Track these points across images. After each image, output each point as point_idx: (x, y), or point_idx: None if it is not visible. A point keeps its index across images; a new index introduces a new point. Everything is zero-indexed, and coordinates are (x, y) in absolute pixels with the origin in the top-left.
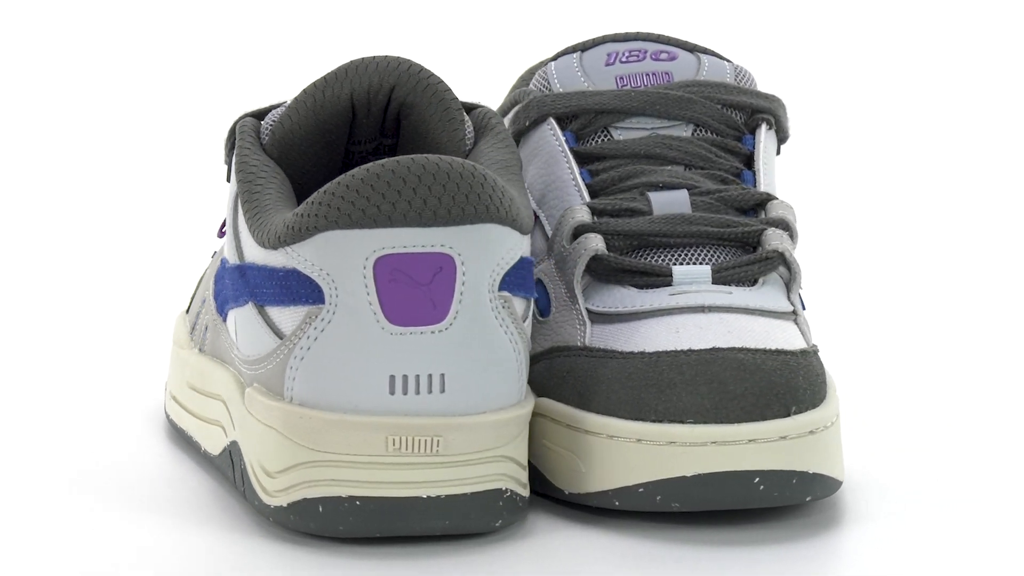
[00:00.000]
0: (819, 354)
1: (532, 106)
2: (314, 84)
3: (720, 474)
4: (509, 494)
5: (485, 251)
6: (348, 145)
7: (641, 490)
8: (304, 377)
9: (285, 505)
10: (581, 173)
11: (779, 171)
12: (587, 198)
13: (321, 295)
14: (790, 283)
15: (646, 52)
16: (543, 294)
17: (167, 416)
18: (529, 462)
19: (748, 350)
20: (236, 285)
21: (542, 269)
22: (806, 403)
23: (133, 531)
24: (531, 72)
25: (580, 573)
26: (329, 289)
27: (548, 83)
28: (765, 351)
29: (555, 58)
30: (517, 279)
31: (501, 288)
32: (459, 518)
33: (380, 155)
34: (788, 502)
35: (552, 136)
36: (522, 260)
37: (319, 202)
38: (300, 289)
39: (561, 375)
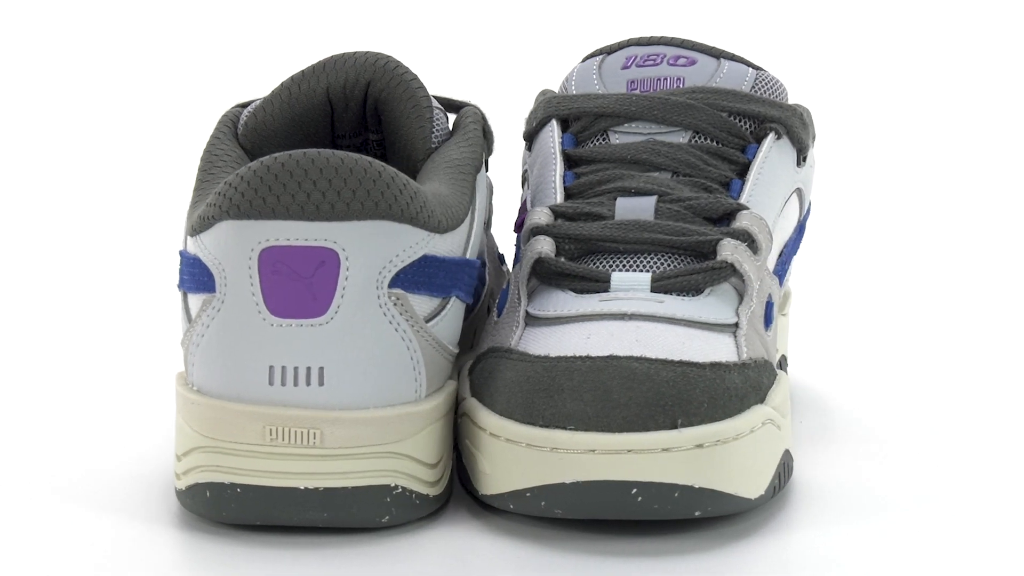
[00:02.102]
0: (768, 367)
1: (539, 108)
2: (291, 78)
3: (598, 483)
4: (400, 491)
5: (374, 247)
6: (336, 140)
7: (529, 495)
8: (199, 364)
9: (183, 489)
10: (565, 175)
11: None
12: (559, 200)
13: (214, 284)
14: (744, 295)
15: (664, 57)
16: (504, 295)
17: None
18: (460, 461)
19: (646, 360)
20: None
21: (514, 271)
22: (700, 416)
23: (130, 534)
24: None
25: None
26: (220, 278)
27: (567, 85)
28: (665, 361)
29: (584, 60)
30: (418, 277)
31: (393, 285)
32: (339, 511)
33: (367, 150)
34: (671, 516)
35: (550, 138)
36: (424, 259)
37: (220, 192)
38: (202, 277)
39: (485, 376)
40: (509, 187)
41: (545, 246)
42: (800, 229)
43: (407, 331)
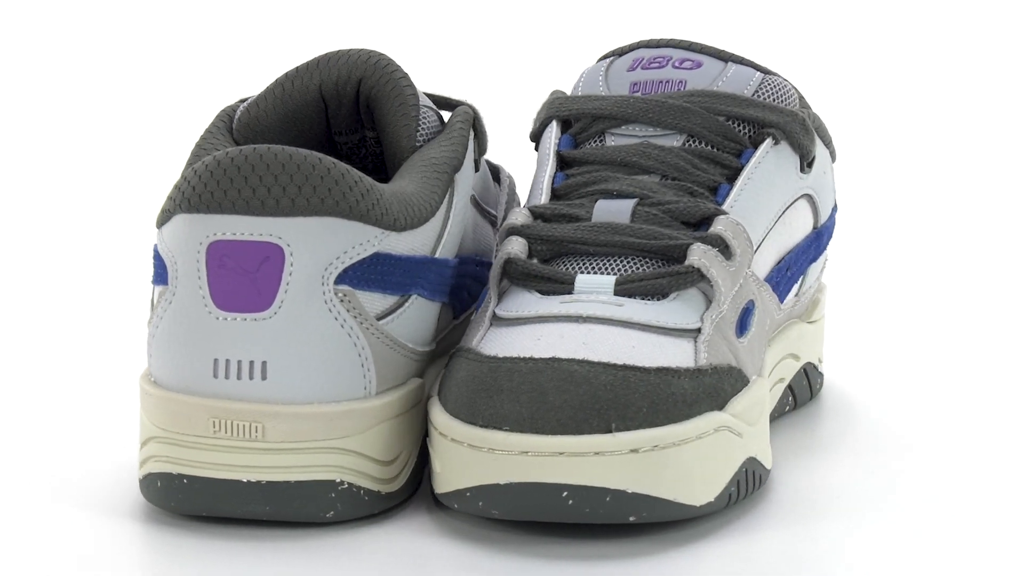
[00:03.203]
0: (733, 374)
1: (543, 109)
2: (285, 74)
3: (530, 484)
4: (346, 487)
5: (319, 244)
6: (334, 136)
7: (469, 495)
8: (155, 354)
9: (141, 478)
10: (556, 176)
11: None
12: (544, 201)
13: (167, 276)
14: (712, 300)
15: (669, 59)
16: (483, 295)
17: None
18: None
19: (588, 363)
20: None
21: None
22: (637, 421)
23: (95, 525)
24: None
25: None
26: (172, 271)
27: (576, 86)
28: (607, 365)
29: (598, 62)
30: (368, 275)
31: (340, 282)
32: (282, 505)
33: (365, 147)
34: (604, 520)
35: (548, 139)
36: (376, 256)
37: (177, 186)
38: (160, 269)
39: (445, 375)
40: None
41: (516, 247)
42: (819, 235)
43: (354, 328)
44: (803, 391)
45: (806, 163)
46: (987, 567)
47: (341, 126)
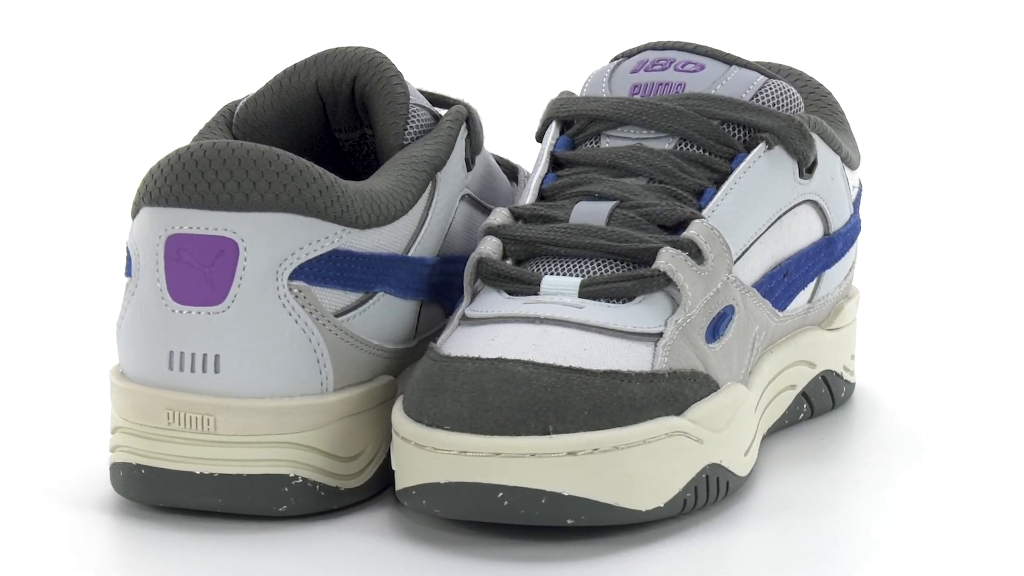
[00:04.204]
0: (696, 379)
1: (546, 109)
2: (284, 70)
3: (468, 484)
4: (300, 481)
5: (274, 239)
6: (335, 133)
7: (414, 492)
8: (121, 346)
9: (109, 467)
10: (547, 177)
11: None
12: (530, 201)
13: (131, 268)
14: (679, 305)
15: (672, 62)
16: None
17: None
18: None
19: (532, 364)
20: None
21: None
22: (577, 424)
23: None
24: None
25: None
26: (136, 263)
27: (583, 87)
28: (551, 367)
29: (609, 63)
30: (325, 271)
31: (296, 278)
32: (234, 498)
33: (366, 145)
34: (541, 522)
35: (548, 139)
36: (335, 253)
37: (144, 180)
38: (128, 262)
39: (411, 374)
40: None
41: (489, 247)
42: (831, 242)
43: (308, 323)
44: (822, 399)
45: (805, 168)
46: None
47: (340, 123)
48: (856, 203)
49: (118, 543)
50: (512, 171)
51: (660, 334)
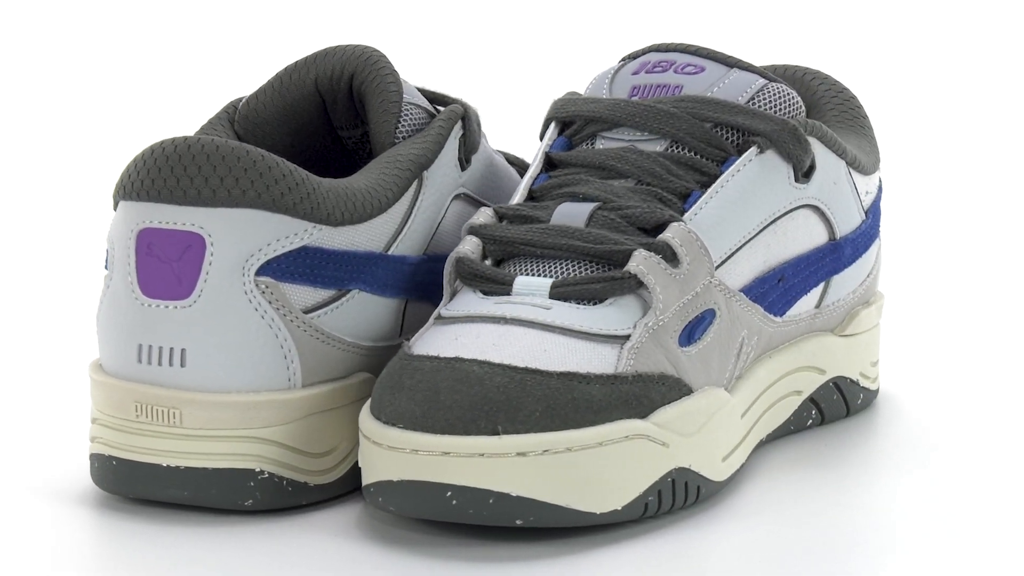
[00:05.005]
0: (665, 382)
1: (548, 110)
2: (284, 68)
3: (418, 483)
4: (266, 476)
5: (240, 235)
6: (337, 131)
7: (372, 490)
8: (98, 338)
9: (88, 458)
10: (539, 177)
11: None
12: (518, 201)
13: (108, 262)
14: (650, 307)
15: (673, 64)
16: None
17: None
18: None
19: (488, 364)
20: None
21: None
22: (528, 424)
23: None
24: None
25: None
26: (111, 257)
27: (588, 88)
28: (506, 367)
29: (618, 63)
30: (294, 268)
31: (262, 273)
32: (199, 491)
33: (367, 143)
34: (489, 522)
35: (545, 139)
36: (304, 250)
37: (121, 174)
38: (107, 255)
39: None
40: None
41: (468, 246)
42: (837, 248)
43: (275, 319)
44: (834, 406)
45: (801, 173)
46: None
47: (341, 120)
48: (872, 209)
49: (94, 534)
50: (525, 170)
51: (627, 336)
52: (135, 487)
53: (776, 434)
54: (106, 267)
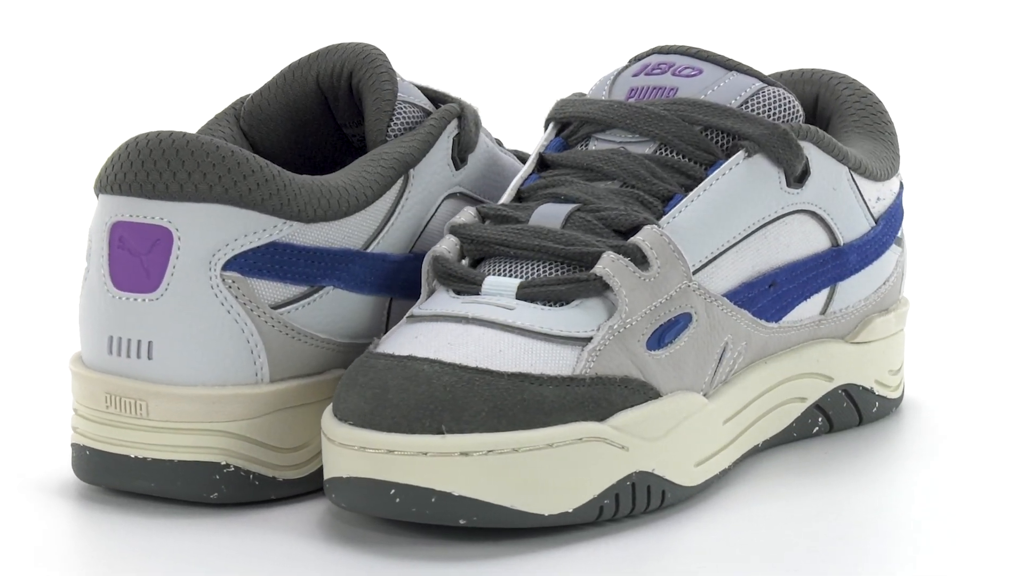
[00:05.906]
0: (628, 385)
1: (549, 111)
2: (288, 65)
3: (363, 480)
4: (232, 469)
5: (207, 230)
6: (342, 128)
7: (328, 486)
8: (79, 331)
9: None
10: (531, 177)
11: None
12: (506, 201)
13: (87, 254)
14: (616, 309)
15: (672, 66)
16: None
17: None
18: None
19: (439, 363)
20: None
21: None
22: (473, 424)
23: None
24: None
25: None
26: (88, 249)
27: (591, 90)
28: (456, 366)
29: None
30: (262, 263)
31: (229, 268)
32: (166, 483)
33: None
34: (433, 520)
35: (540, 140)
36: (273, 245)
37: (100, 168)
38: (86, 249)
39: None
40: None
41: (445, 245)
42: (840, 254)
43: (241, 314)
44: (844, 414)
45: (793, 177)
46: None
47: (344, 118)
48: (887, 215)
49: (70, 523)
50: None
51: (589, 339)
52: (108, 478)
53: (776, 440)
54: (86, 260)
